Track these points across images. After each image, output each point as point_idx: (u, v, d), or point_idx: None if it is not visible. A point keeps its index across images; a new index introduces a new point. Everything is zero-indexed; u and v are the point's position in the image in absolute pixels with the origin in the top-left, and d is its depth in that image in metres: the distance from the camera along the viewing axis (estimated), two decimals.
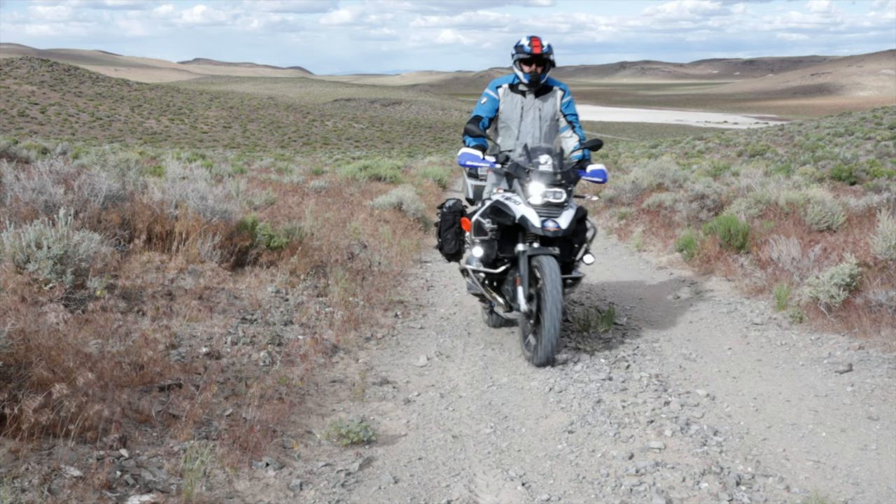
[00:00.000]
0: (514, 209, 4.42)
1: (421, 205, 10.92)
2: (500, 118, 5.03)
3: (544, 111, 4.99)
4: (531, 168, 4.46)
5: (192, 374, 3.57)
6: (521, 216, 4.37)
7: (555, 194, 4.38)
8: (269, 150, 63.03)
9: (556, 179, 4.43)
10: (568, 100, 5.08)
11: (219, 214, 5.73)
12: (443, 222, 5.34)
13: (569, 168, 4.55)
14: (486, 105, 5.02)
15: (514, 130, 4.99)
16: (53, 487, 2.39)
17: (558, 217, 4.36)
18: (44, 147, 17.89)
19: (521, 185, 4.48)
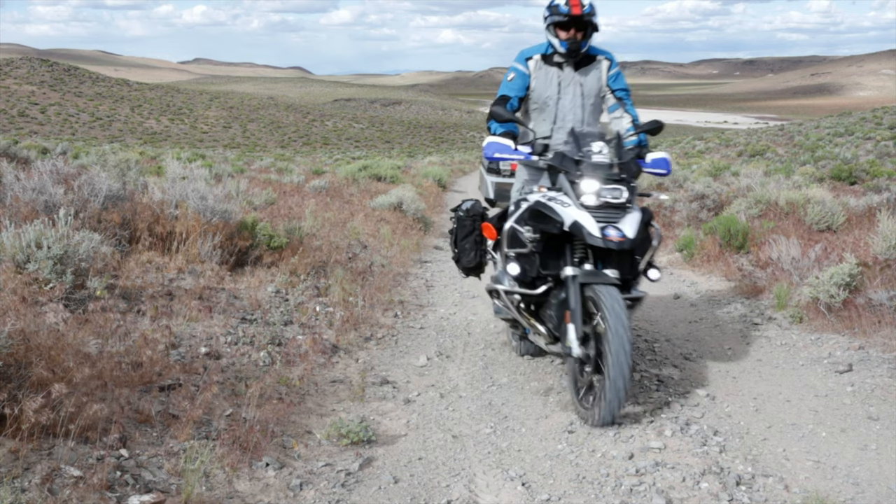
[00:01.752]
0: (562, 213, 3.46)
1: (421, 205, 10.92)
2: (532, 97, 4.12)
3: (587, 86, 4.07)
4: (582, 159, 3.51)
5: (191, 374, 3.57)
6: (572, 222, 3.40)
7: (613, 193, 3.43)
8: (269, 150, 63.04)
9: (614, 173, 3.46)
10: (615, 71, 4.14)
11: (219, 214, 5.73)
12: (459, 228, 4.50)
13: (629, 158, 3.59)
14: (514, 82, 4.10)
15: (549, 112, 4.09)
16: (53, 487, 2.39)
17: (621, 223, 3.41)
18: (44, 147, 17.89)
19: (568, 181, 3.53)
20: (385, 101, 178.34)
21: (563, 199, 3.52)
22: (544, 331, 3.72)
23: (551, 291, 3.68)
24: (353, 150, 66.30)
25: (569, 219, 3.44)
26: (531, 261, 3.67)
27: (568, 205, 3.48)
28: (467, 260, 4.46)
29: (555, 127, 4.08)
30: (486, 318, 5.57)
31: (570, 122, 4.04)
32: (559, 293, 3.59)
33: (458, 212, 4.57)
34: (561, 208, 3.49)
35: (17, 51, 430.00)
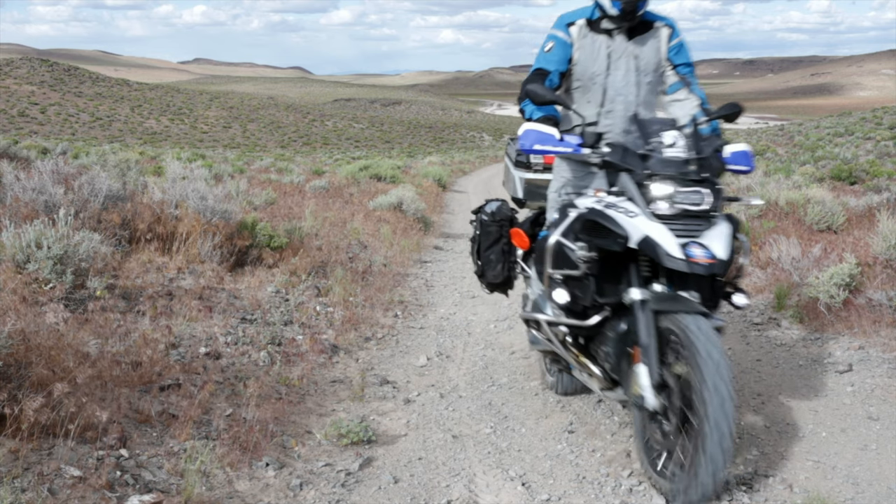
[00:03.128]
0: (627, 225, 2.66)
1: (421, 205, 10.92)
2: (575, 73, 3.30)
3: (643, 60, 3.25)
4: (650, 154, 2.70)
5: (191, 374, 3.57)
6: (641, 238, 2.61)
7: (693, 197, 2.63)
8: (269, 150, 63.06)
9: (692, 172, 2.65)
10: (678, 42, 3.31)
11: (219, 214, 5.73)
12: (482, 236, 3.86)
13: (710, 152, 2.74)
14: (553, 53, 3.27)
15: (595, 92, 3.26)
16: (53, 487, 2.39)
17: (706, 237, 2.62)
18: (44, 147, 17.89)
19: (634, 183, 2.72)
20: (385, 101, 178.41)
21: (626, 207, 2.70)
22: (599, 372, 2.94)
23: (608, 322, 2.89)
24: (353, 150, 66.31)
25: (637, 233, 2.62)
26: (584, 285, 2.87)
27: (634, 214, 2.66)
28: (493, 274, 3.81)
29: (602, 111, 3.25)
30: (486, 318, 5.57)
31: (622, 105, 3.23)
32: (618, 324, 2.82)
33: (482, 215, 3.89)
34: (625, 219, 2.66)
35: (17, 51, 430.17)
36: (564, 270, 2.93)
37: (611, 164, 2.85)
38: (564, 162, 3.38)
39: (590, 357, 3.02)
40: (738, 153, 2.97)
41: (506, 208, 3.90)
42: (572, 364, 3.19)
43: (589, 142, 2.95)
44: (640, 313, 2.68)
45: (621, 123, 3.16)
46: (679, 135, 2.74)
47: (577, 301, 2.92)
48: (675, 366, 2.58)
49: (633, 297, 2.74)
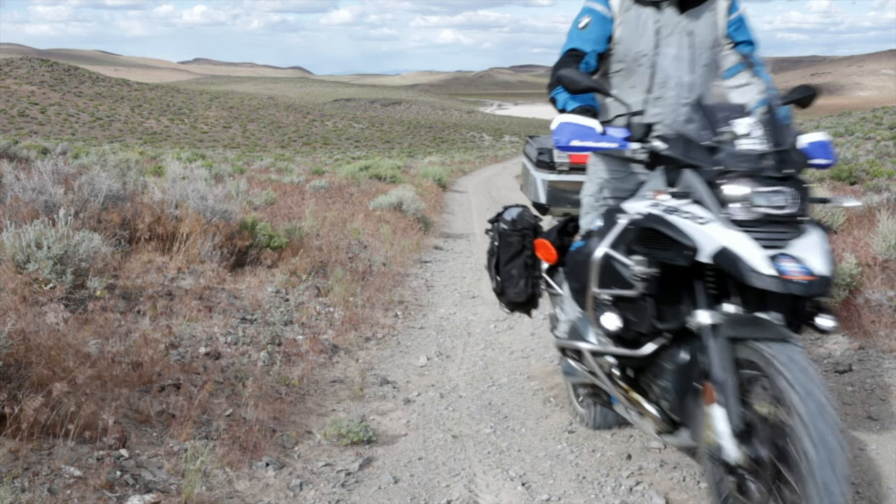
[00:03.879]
0: (696, 233, 2.13)
1: (421, 205, 10.93)
2: (616, 54, 2.77)
3: (699, 36, 2.73)
4: (720, 146, 2.21)
5: (191, 374, 3.57)
6: (717, 250, 2.07)
7: (776, 198, 2.10)
8: (269, 150, 63.07)
9: (773, 167, 2.14)
10: (738, 15, 2.82)
11: (219, 214, 5.74)
12: (502, 248, 3.46)
13: (791, 143, 2.24)
14: (589, 30, 2.75)
15: (641, 76, 2.73)
16: (53, 487, 2.39)
17: (796, 248, 2.08)
18: (44, 147, 17.90)
19: (704, 181, 2.20)
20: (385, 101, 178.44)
21: (693, 212, 2.17)
22: (654, 411, 2.44)
23: (665, 351, 2.39)
24: (353, 150, 66.33)
25: (710, 243, 2.08)
26: (639, 308, 2.36)
27: (704, 220, 2.13)
28: (515, 292, 3.41)
29: (649, 98, 2.73)
30: (486, 318, 5.57)
31: (674, 91, 2.71)
32: (679, 353, 2.32)
33: (500, 224, 3.49)
34: (693, 226, 2.13)
35: (17, 51, 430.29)
36: (614, 290, 2.41)
37: (670, 159, 2.34)
38: (601, 161, 2.86)
39: (641, 393, 2.52)
40: (815, 144, 2.47)
41: (528, 216, 3.46)
42: (617, 399, 2.72)
43: (637, 134, 2.42)
44: (711, 342, 2.13)
45: (672, 113, 2.67)
46: (754, 122, 2.24)
47: (629, 327, 2.41)
48: (759, 405, 2.03)
49: (701, 322, 2.19)
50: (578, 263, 2.67)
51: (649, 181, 2.55)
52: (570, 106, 2.70)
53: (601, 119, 2.63)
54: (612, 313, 2.42)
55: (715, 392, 2.08)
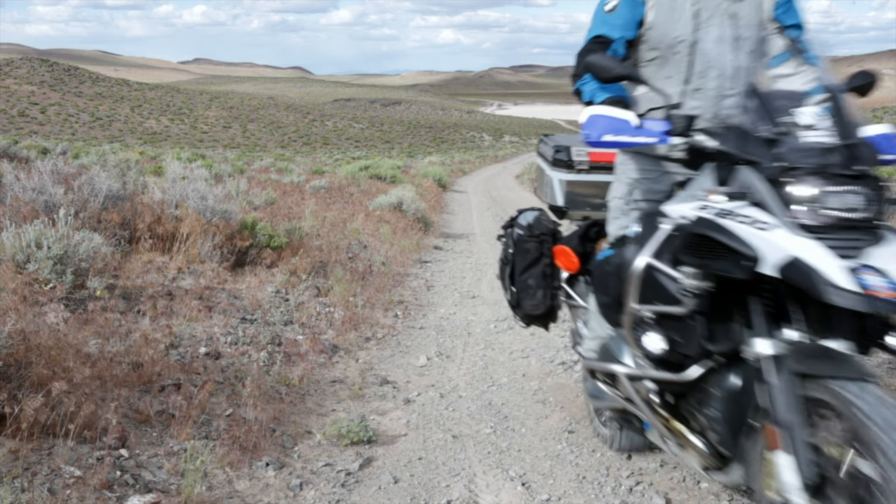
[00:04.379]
0: (757, 241, 1.81)
1: (421, 205, 10.93)
2: (649, 40, 2.47)
3: (742, 20, 2.44)
4: (781, 138, 1.92)
5: (191, 374, 3.57)
6: (786, 260, 1.75)
7: (850, 200, 1.80)
8: (269, 150, 63.07)
9: (843, 164, 1.84)
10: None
11: (219, 214, 5.74)
12: (517, 255, 3.22)
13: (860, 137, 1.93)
14: (617, 14, 2.46)
15: (678, 64, 2.44)
16: (53, 487, 2.39)
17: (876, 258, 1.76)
18: (44, 147, 17.90)
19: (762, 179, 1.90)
20: (385, 101, 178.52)
21: (752, 216, 1.85)
22: (700, 443, 2.14)
23: (712, 375, 2.09)
24: (353, 150, 66.34)
25: (775, 253, 1.76)
26: (688, 328, 2.04)
27: (767, 225, 1.81)
28: (532, 304, 3.15)
29: (687, 89, 2.42)
30: (486, 319, 5.58)
31: (715, 82, 2.41)
32: (728, 378, 2.02)
33: (515, 230, 3.26)
34: (754, 233, 1.81)
35: (17, 51, 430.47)
36: (658, 306, 2.10)
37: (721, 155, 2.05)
38: (631, 159, 2.57)
39: (684, 422, 2.22)
40: (881, 136, 2.16)
41: (546, 220, 3.24)
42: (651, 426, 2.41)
43: (679, 128, 2.12)
44: (775, 377, 1.81)
45: (713, 106, 2.39)
46: (820, 112, 1.92)
47: (675, 349, 2.10)
48: (830, 448, 1.71)
49: (761, 353, 1.87)
50: (608, 274, 2.41)
51: (695, 181, 2.22)
52: (599, 97, 2.35)
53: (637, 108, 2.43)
54: (656, 333, 2.13)
55: (780, 437, 1.75)
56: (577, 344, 2.94)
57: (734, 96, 2.34)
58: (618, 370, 2.33)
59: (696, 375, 2.09)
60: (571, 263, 2.99)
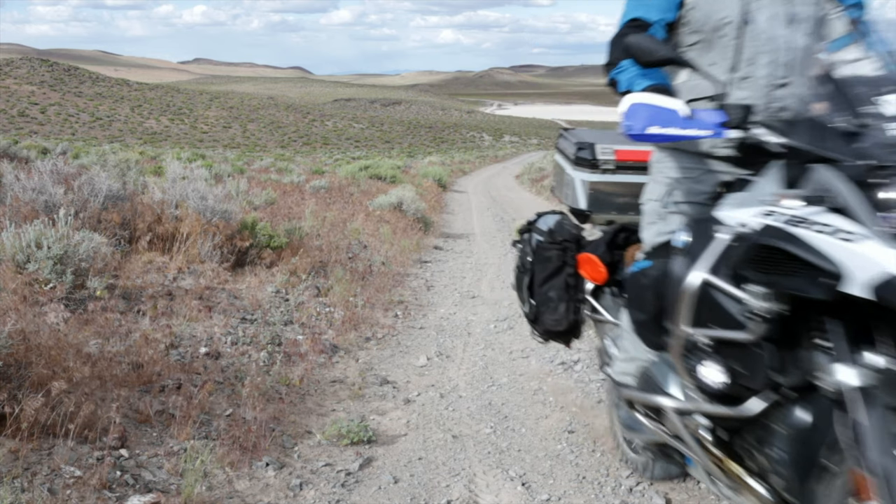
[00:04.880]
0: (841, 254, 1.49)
1: (421, 205, 10.93)
2: (690, 22, 2.20)
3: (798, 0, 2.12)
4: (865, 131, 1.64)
5: (191, 374, 3.57)
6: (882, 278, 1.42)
7: None
8: (269, 150, 63.08)
9: None
10: None
11: (219, 214, 5.74)
12: (537, 263, 2.92)
13: None
14: None
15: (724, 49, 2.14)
16: (53, 487, 2.39)
17: None
18: (44, 147, 17.90)
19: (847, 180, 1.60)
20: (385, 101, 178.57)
21: (833, 224, 1.56)
22: (762, 489, 1.81)
23: (776, 410, 1.77)
24: (353, 150, 66.34)
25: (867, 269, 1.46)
26: (753, 357, 1.73)
27: (853, 236, 1.52)
28: (554, 319, 2.87)
29: (734, 77, 2.12)
30: (486, 319, 5.58)
31: (766, 69, 2.09)
32: (794, 413, 1.71)
33: (533, 235, 2.99)
34: (837, 244, 1.52)
35: (17, 51, 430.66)
36: (717, 331, 1.79)
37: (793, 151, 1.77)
38: (670, 156, 2.29)
39: (738, 460, 1.90)
40: None
41: (568, 225, 2.95)
42: (695, 463, 2.10)
43: (736, 119, 1.86)
44: (865, 415, 1.51)
45: (764, 97, 2.08)
46: None
47: (737, 381, 1.78)
48: None
49: (844, 382, 1.56)
50: (644, 288, 2.15)
51: (756, 182, 1.92)
52: (640, 85, 2.03)
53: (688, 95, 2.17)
54: (714, 363, 1.81)
55: (875, 486, 1.46)
56: (606, 364, 2.63)
57: (788, 85, 2.07)
58: (665, 404, 2.04)
59: (758, 410, 1.77)
60: (598, 274, 2.69)
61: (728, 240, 1.81)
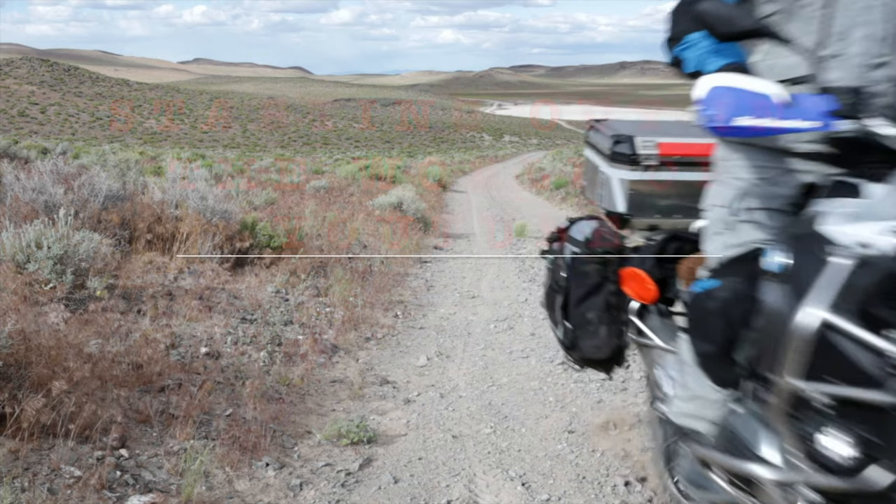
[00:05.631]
0: None
1: (421, 205, 10.93)
2: None
3: None
4: None
5: (191, 374, 3.57)
6: None
7: None
8: (269, 150, 63.07)
9: None
10: None
11: (219, 214, 5.74)
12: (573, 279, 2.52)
13: None
14: None
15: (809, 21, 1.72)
16: (53, 487, 2.39)
17: None
18: (44, 147, 17.91)
19: None
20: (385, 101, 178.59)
21: None
22: None
23: None
24: (353, 150, 66.33)
25: None
26: (891, 423, 1.33)
27: None
28: (594, 344, 2.49)
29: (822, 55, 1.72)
30: (486, 319, 5.58)
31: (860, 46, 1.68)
32: None
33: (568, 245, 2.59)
34: None
35: (17, 51, 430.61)
36: (842, 387, 1.39)
37: None
38: (739, 151, 1.86)
39: None
40: None
41: (608, 233, 2.53)
42: None
43: (848, 106, 1.53)
44: None
45: (857, 77, 1.67)
46: None
47: (869, 453, 1.39)
48: None
49: None
50: (712, 314, 1.78)
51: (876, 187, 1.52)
52: (713, 64, 1.66)
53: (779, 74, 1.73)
54: (841, 432, 1.40)
55: None
56: (659, 400, 2.24)
57: (887, 65, 1.66)
58: (762, 475, 1.61)
59: (885, 484, 1.36)
60: (647, 291, 2.30)
61: (849, 266, 1.40)
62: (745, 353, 1.68)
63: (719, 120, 1.50)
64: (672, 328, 2.27)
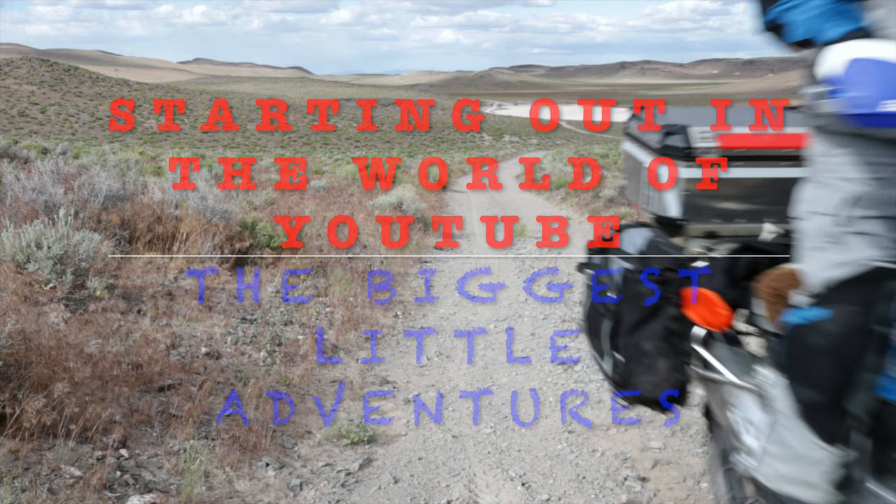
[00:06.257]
0: None
1: (421, 205, 10.94)
2: None
3: None
4: None
5: (192, 374, 3.57)
6: None
7: None
8: (269, 150, 63.05)
9: None
10: None
11: (219, 214, 5.74)
12: (627, 304, 2.03)
13: None
14: None
15: None
16: (53, 487, 2.39)
17: None
18: (44, 147, 17.91)
19: None
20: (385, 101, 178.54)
21: None
22: None
23: None
24: (353, 149, 66.33)
25: None
26: None
27: None
28: (652, 381, 2.02)
29: None
30: (486, 319, 5.57)
31: None
32: None
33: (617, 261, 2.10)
34: None
35: (17, 51, 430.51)
36: None
37: None
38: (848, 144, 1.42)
39: None
40: None
41: (666, 245, 2.03)
42: None
43: None
44: None
45: None
46: None
47: None
48: None
49: None
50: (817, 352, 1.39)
51: None
52: (833, 30, 1.29)
53: None
54: None
55: None
56: (739, 451, 1.77)
57: None
58: None
59: None
60: (717, 317, 1.87)
61: None
62: (863, 404, 1.33)
63: (867, 105, 1.15)
64: (745, 359, 1.87)
